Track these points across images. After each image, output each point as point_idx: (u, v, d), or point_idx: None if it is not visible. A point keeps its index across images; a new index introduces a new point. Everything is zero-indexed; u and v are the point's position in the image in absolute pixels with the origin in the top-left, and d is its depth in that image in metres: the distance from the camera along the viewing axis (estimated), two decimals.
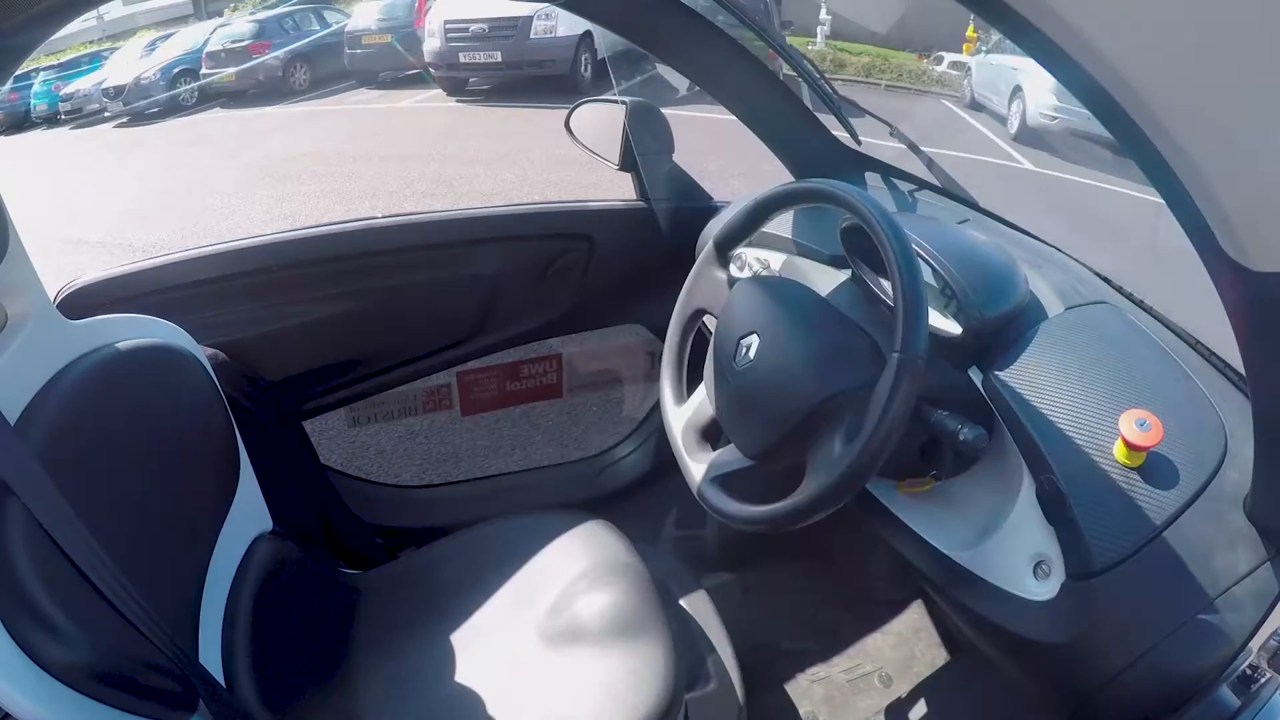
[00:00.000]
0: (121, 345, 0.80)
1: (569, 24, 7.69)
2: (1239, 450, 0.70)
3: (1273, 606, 0.64)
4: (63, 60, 13.86)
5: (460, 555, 1.05)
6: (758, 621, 1.35)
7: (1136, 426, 0.67)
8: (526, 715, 0.85)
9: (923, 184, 1.21)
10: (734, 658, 1.08)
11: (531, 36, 7.68)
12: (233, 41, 10.73)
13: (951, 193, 1.18)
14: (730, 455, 0.83)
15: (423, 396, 1.47)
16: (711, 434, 0.89)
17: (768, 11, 6.82)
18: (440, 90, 8.54)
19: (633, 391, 1.63)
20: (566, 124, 1.45)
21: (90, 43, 16.11)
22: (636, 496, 1.56)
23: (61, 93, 11.97)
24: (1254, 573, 0.64)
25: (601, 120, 1.40)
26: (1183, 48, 0.40)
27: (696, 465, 0.85)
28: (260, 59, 10.38)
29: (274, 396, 1.22)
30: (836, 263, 0.99)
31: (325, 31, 10.85)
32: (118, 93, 10.95)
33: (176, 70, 11.00)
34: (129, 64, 11.68)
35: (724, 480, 0.82)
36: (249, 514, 0.94)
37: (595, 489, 1.56)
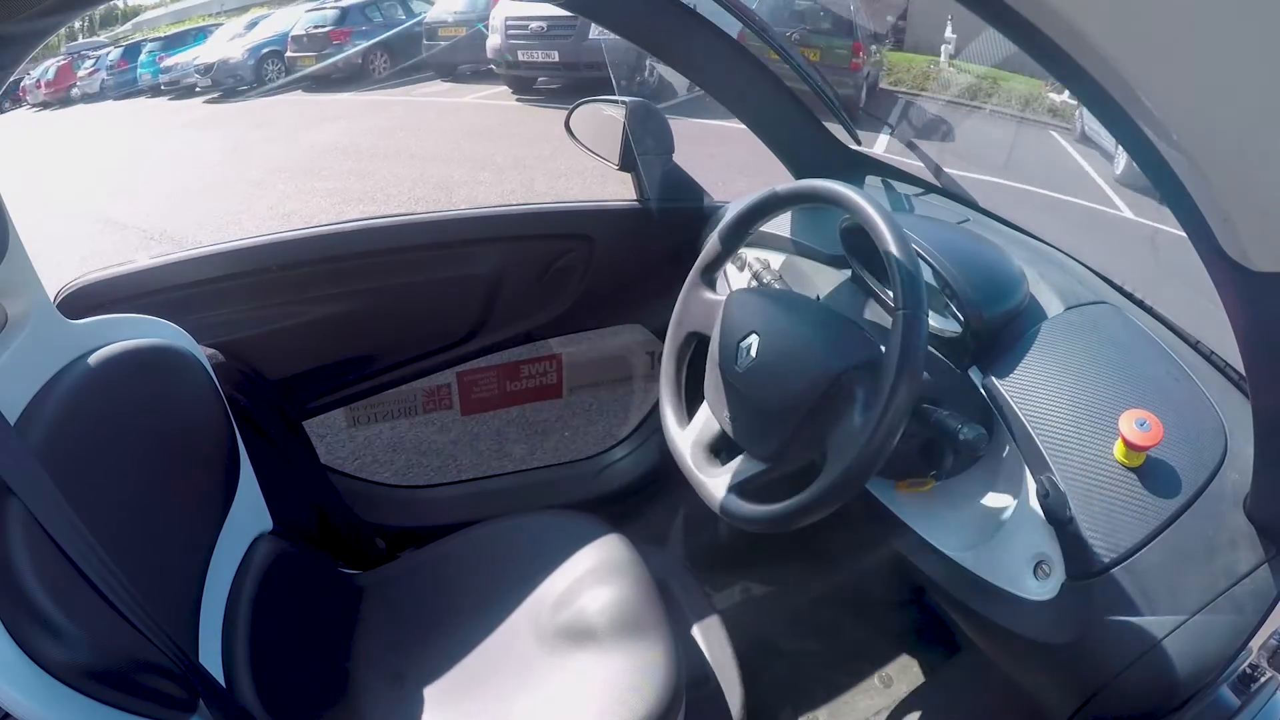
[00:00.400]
0: (121, 345, 0.80)
1: None
2: (1239, 450, 0.70)
3: (1273, 606, 0.64)
4: (169, 34, 14.48)
5: (460, 555, 1.05)
6: (758, 621, 1.35)
7: (1136, 426, 0.67)
8: (526, 715, 0.85)
9: (924, 184, 1.21)
10: (734, 658, 1.08)
11: (590, 37, 7.45)
12: (315, 26, 10.92)
13: (952, 193, 1.18)
14: (744, 464, 0.82)
15: (423, 396, 1.47)
16: (720, 449, 0.88)
17: (851, 22, 6.70)
18: (507, 87, 8.47)
19: (633, 391, 1.63)
20: (566, 124, 1.45)
21: (208, 16, 16.46)
22: (636, 496, 1.56)
23: (162, 65, 12.47)
24: (1254, 573, 0.64)
25: (601, 120, 1.40)
26: (1181, 45, 0.40)
27: (711, 481, 0.83)
28: (339, 46, 10.58)
29: (274, 396, 1.21)
30: (836, 263, 0.99)
31: (410, 22, 10.89)
32: (207, 69, 11.35)
33: (265, 51, 11.22)
34: (226, 41, 11.98)
35: (741, 489, 0.80)
36: (249, 514, 0.94)
37: (595, 489, 1.56)
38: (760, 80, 1.22)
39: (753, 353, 0.79)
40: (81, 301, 1.08)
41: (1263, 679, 0.64)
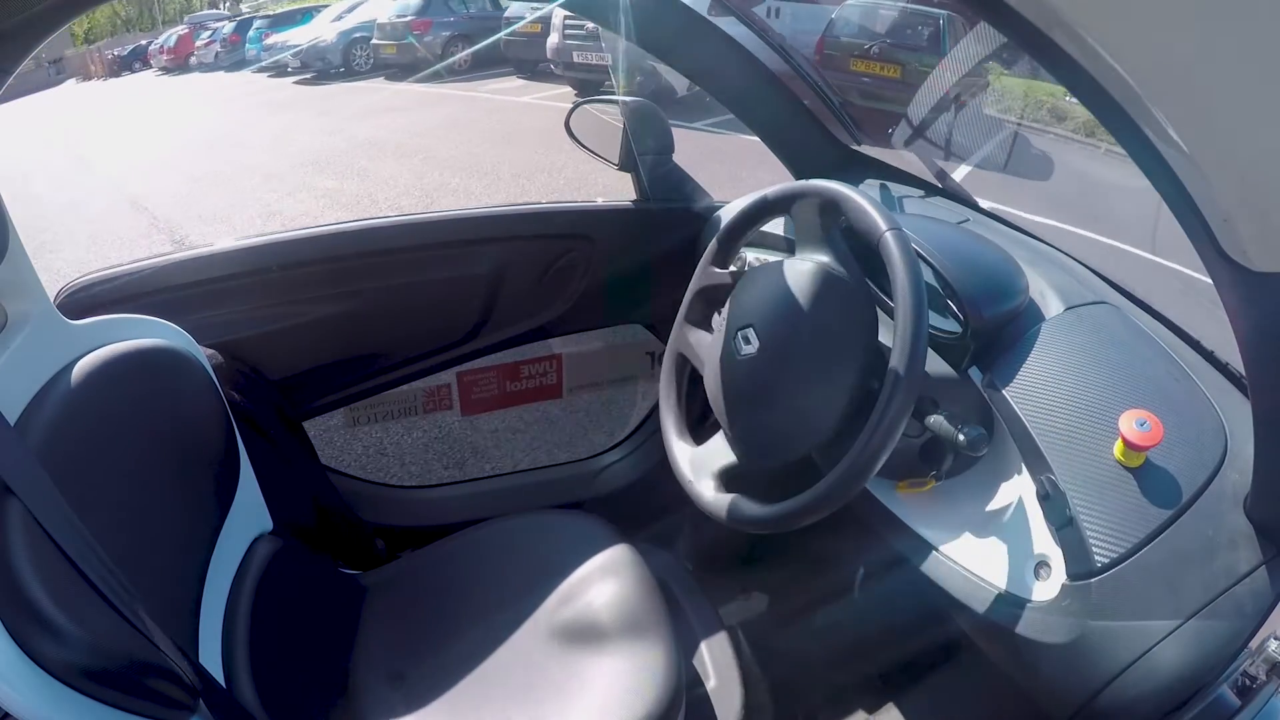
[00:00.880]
0: (121, 345, 0.80)
1: None
2: (1239, 450, 0.70)
3: (1273, 607, 0.64)
4: (278, 12, 15.18)
5: (460, 555, 1.05)
6: (758, 621, 1.35)
7: (1136, 426, 0.67)
8: (526, 715, 0.85)
9: (924, 184, 1.21)
10: (734, 658, 1.08)
11: None
12: (398, 15, 10.98)
13: (952, 193, 1.18)
14: (720, 447, 0.85)
15: (423, 396, 1.47)
16: (706, 418, 0.89)
17: (940, 38, 6.18)
18: (569, 88, 8.29)
19: (632, 391, 1.63)
20: (566, 124, 1.45)
21: None
22: (636, 496, 1.56)
23: (264, 42, 13.10)
24: (1254, 573, 0.64)
25: (602, 120, 1.40)
26: (1183, 45, 0.40)
27: (682, 453, 0.88)
28: (419, 36, 10.67)
29: (274, 396, 1.21)
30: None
31: (490, 16, 10.94)
32: (299, 51, 11.77)
33: (355, 36, 11.37)
34: (328, 23, 12.23)
35: (722, 477, 0.83)
36: (249, 514, 0.94)
37: (595, 489, 1.56)
38: (761, 80, 1.22)
39: (750, 349, 0.79)
40: (81, 301, 1.08)
41: (1263, 680, 0.64)
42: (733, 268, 1.14)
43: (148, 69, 15.76)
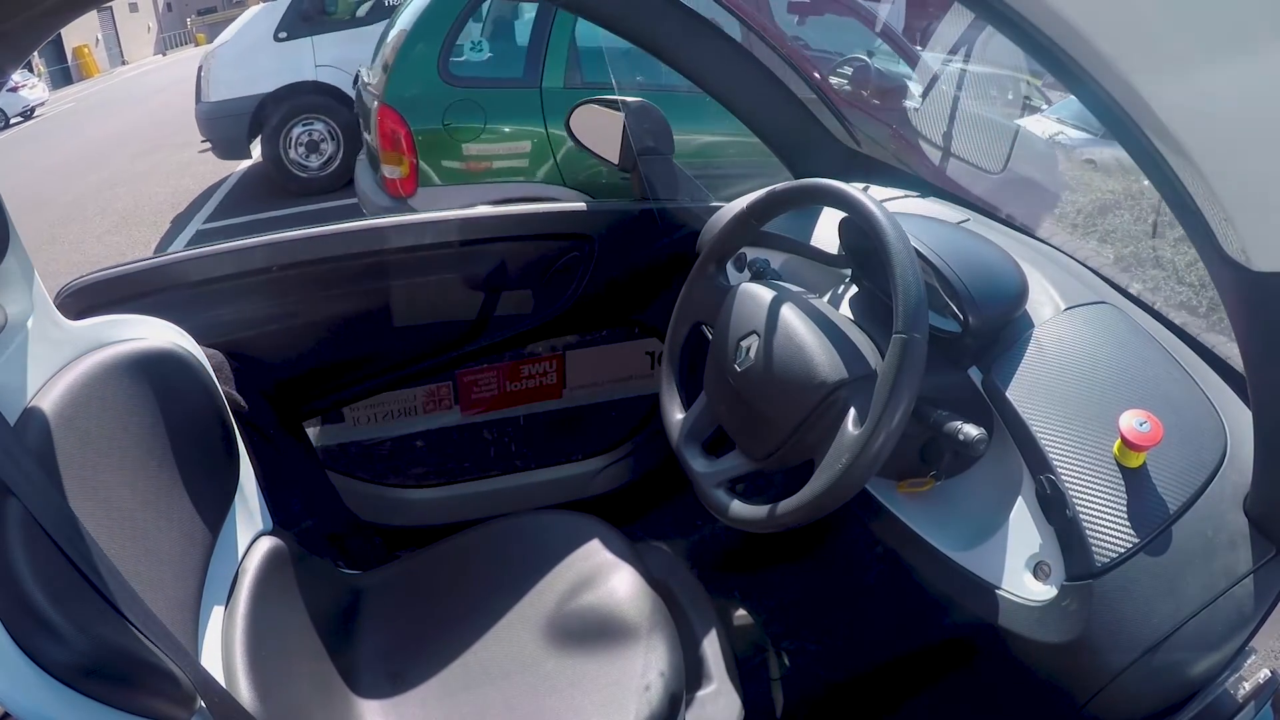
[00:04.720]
0: (121, 346, 0.80)
1: None
2: (1239, 450, 0.70)
3: (1273, 607, 0.64)
4: None
5: (460, 555, 1.05)
6: (758, 621, 1.35)
7: (1136, 426, 0.67)
8: (526, 715, 0.85)
9: (923, 184, 1.21)
10: (734, 658, 1.08)
11: None
12: None
13: (951, 193, 1.18)
14: (736, 460, 0.84)
15: (423, 396, 1.47)
16: (714, 441, 0.90)
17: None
18: None
19: (633, 391, 1.63)
20: (567, 124, 1.45)
21: None
22: (636, 496, 1.56)
23: None
24: (1254, 573, 0.64)
25: (602, 120, 1.40)
26: (1183, 48, 0.40)
27: (703, 475, 0.86)
28: None
29: (274, 396, 1.21)
30: (836, 262, 0.99)
31: None
32: None
33: None
34: None
35: (731, 485, 0.83)
36: (249, 514, 0.94)
37: (595, 489, 1.56)
38: (759, 79, 1.22)
39: (751, 354, 0.80)
40: (81, 301, 1.07)
41: (1262, 680, 0.64)
42: (731, 267, 1.14)
43: None
